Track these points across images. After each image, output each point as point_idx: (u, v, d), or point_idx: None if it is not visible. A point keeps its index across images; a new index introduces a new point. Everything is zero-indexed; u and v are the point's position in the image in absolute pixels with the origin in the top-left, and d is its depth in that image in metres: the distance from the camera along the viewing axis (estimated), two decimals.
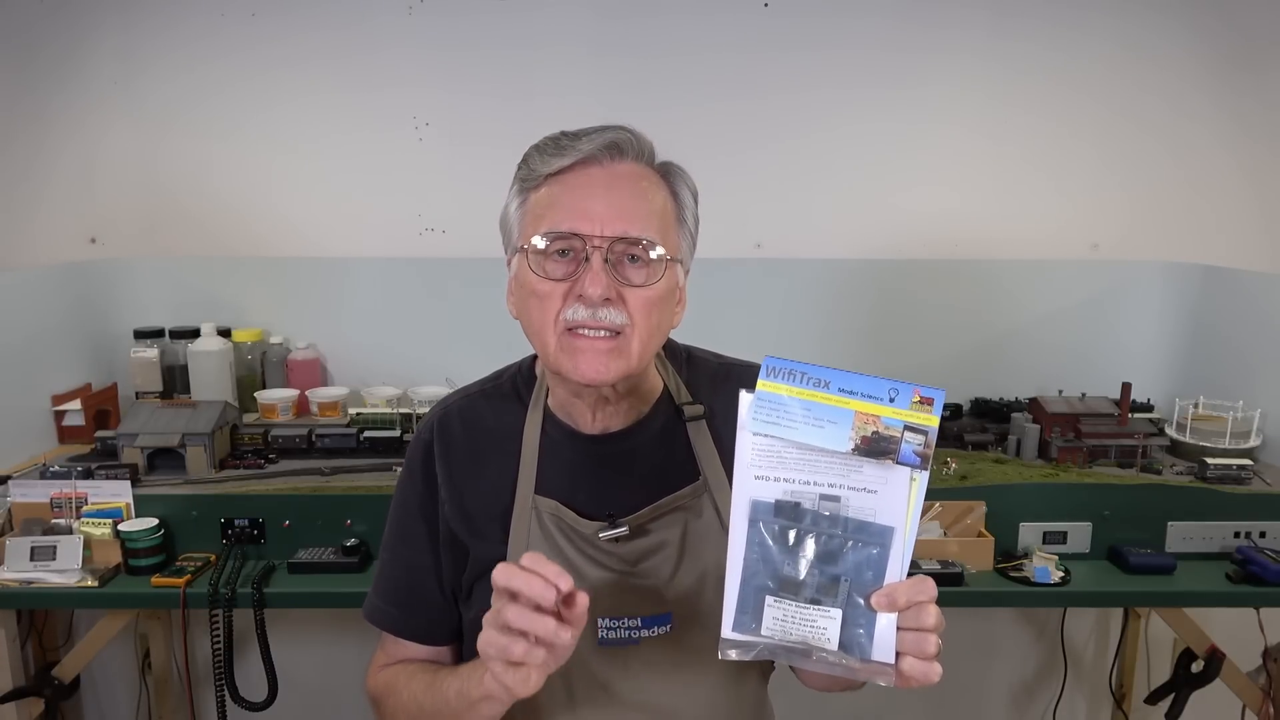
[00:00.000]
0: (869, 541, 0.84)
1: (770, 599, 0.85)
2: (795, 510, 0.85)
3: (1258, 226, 2.49)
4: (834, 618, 0.84)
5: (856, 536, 0.84)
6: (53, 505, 1.82)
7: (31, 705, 1.93)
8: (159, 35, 2.37)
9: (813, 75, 2.41)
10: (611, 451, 1.10)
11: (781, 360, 0.85)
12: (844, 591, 0.84)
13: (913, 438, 0.83)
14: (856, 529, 0.84)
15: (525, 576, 0.82)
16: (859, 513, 0.84)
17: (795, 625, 0.85)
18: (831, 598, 0.84)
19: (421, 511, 1.13)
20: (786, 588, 0.85)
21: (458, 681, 0.99)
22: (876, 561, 0.84)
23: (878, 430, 0.83)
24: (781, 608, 0.85)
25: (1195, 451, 2.11)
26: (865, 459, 0.83)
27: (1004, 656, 2.65)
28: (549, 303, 0.99)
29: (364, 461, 2.04)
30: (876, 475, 0.84)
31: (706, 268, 2.31)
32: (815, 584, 0.84)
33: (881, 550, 0.84)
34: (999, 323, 2.47)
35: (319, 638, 2.52)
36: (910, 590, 0.83)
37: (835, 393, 0.84)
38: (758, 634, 0.85)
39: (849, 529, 0.84)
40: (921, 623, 0.83)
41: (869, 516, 0.84)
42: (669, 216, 1.03)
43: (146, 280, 2.41)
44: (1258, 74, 2.42)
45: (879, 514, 0.84)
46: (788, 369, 0.85)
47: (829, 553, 0.84)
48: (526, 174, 1.03)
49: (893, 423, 0.83)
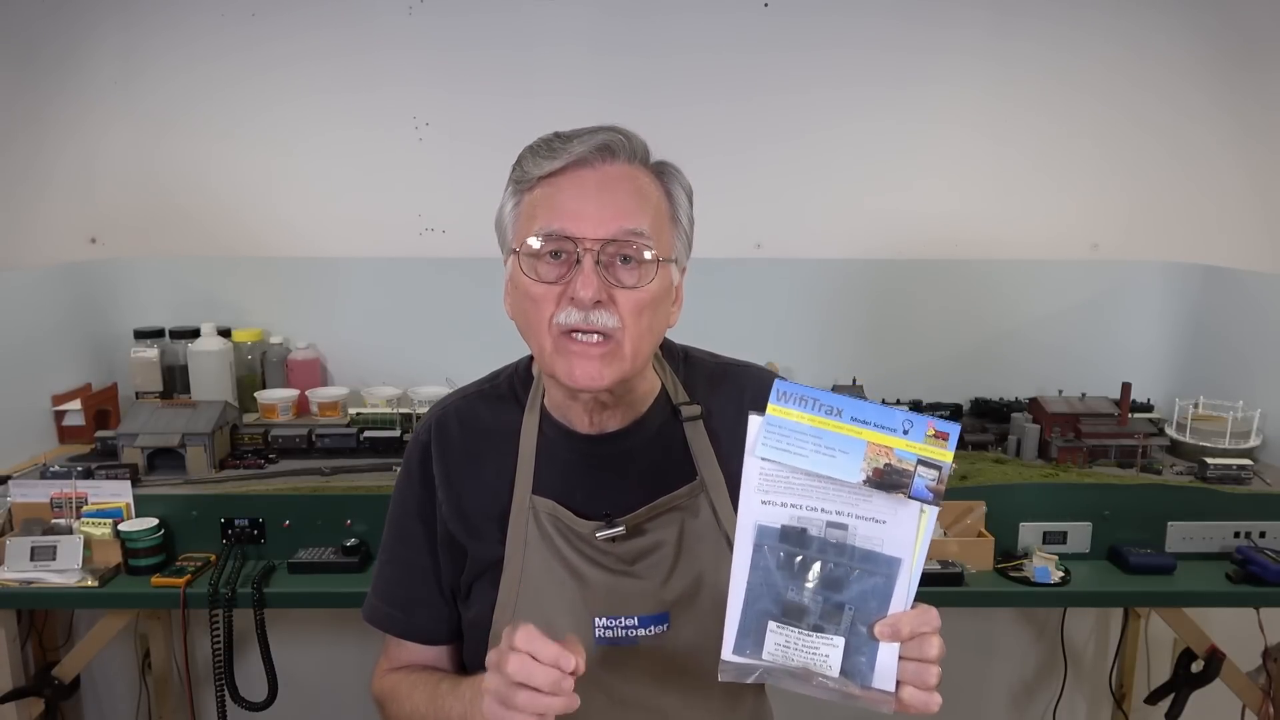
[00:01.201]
0: (875, 571, 0.83)
1: (773, 624, 0.84)
2: (801, 536, 0.84)
3: (1258, 226, 2.49)
4: (836, 645, 0.83)
5: (863, 565, 0.83)
6: (53, 505, 1.82)
7: (31, 705, 1.93)
8: (159, 35, 2.37)
9: (813, 75, 2.41)
10: (608, 451, 1.10)
11: (793, 385, 0.84)
12: (848, 619, 0.83)
13: (926, 472, 0.82)
14: (863, 558, 0.83)
15: (524, 664, 0.84)
16: (866, 542, 0.83)
17: (797, 651, 0.84)
18: (835, 625, 0.83)
19: (420, 512, 1.13)
20: (790, 613, 0.84)
21: (460, 704, 1.00)
22: (881, 591, 0.83)
23: (890, 463, 0.82)
24: (784, 634, 0.84)
25: (1195, 451, 2.11)
26: (876, 490, 0.82)
27: (1004, 656, 2.65)
28: (542, 305, 0.99)
29: (364, 461, 2.04)
30: (886, 506, 0.83)
31: (707, 267, 2.30)
32: (819, 610, 0.83)
33: (887, 580, 0.83)
34: (999, 322, 2.46)
35: (319, 638, 2.52)
36: (914, 621, 0.83)
37: (848, 421, 0.83)
38: (758, 658, 0.85)
39: (855, 558, 0.83)
40: (924, 653, 0.83)
41: (876, 546, 0.83)
42: (662, 216, 1.03)
43: (146, 280, 2.41)
44: (1258, 73, 2.42)
45: (886, 544, 0.83)
46: (799, 394, 0.83)
47: (834, 580, 0.84)
48: (520, 175, 1.03)
49: (906, 455, 0.82)
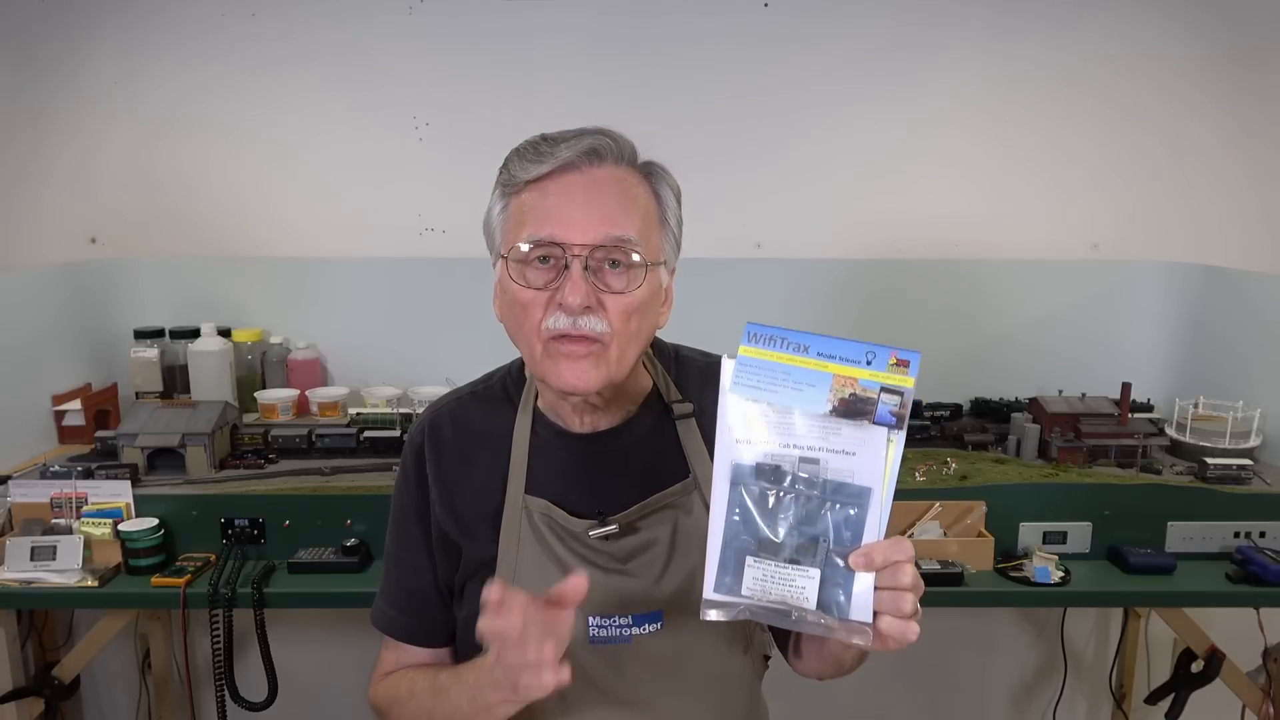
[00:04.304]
0: (847, 502, 0.85)
1: (750, 559, 0.86)
2: (775, 473, 0.86)
3: (1258, 226, 2.49)
4: (812, 577, 0.85)
5: (834, 497, 0.85)
6: (53, 505, 1.82)
7: (31, 705, 1.93)
8: (159, 35, 2.37)
9: (813, 75, 2.41)
10: (601, 450, 1.10)
11: (763, 326, 0.87)
12: (822, 551, 0.85)
13: (889, 399, 0.84)
14: (834, 490, 0.85)
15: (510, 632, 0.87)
16: (837, 474, 0.85)
17: (774, 585, 0.86)
18: (810, 557, 0.86)
19: (416, 514, 1.13)
20: (766, 548, 0.86)
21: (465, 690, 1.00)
22: (854, 522, 0.85)
23: (855, 392, 0.85)
24: (761, 568, 0.86)
25: (1195, 451, 2.11)
26: (843, 420, 0.85)
27: (1004, 656, 2.65)
28: (531, 310, 0.98)
29: (364, 461, 2.04)
30: (854, 437, 0.85)
31: (706, 267, 2.30)
32: (794, 544, 0.86)
33: (859, 511, 0.85)
34: (999, 323, 2.46)
35: (319, 638, 2.52)
36: (887, 550, 0.84)
37: (815, 357, 0.86)
38: (738, 594, 0.87)
39: (827, 490, 0.86)
40: (898, 581, 0.84)
41: (847, 478, 0.85)
42: (651, 218, 1.03)
43: (146, 280, 2.41)
44: (1258, 73, 2.42)
45: (857, 475, 0.85)
46: (769, 334, 0.86)
47: (808, 514, 0.86)
48: (507, 179, 1.02)
49: (869, 384, 0.85)
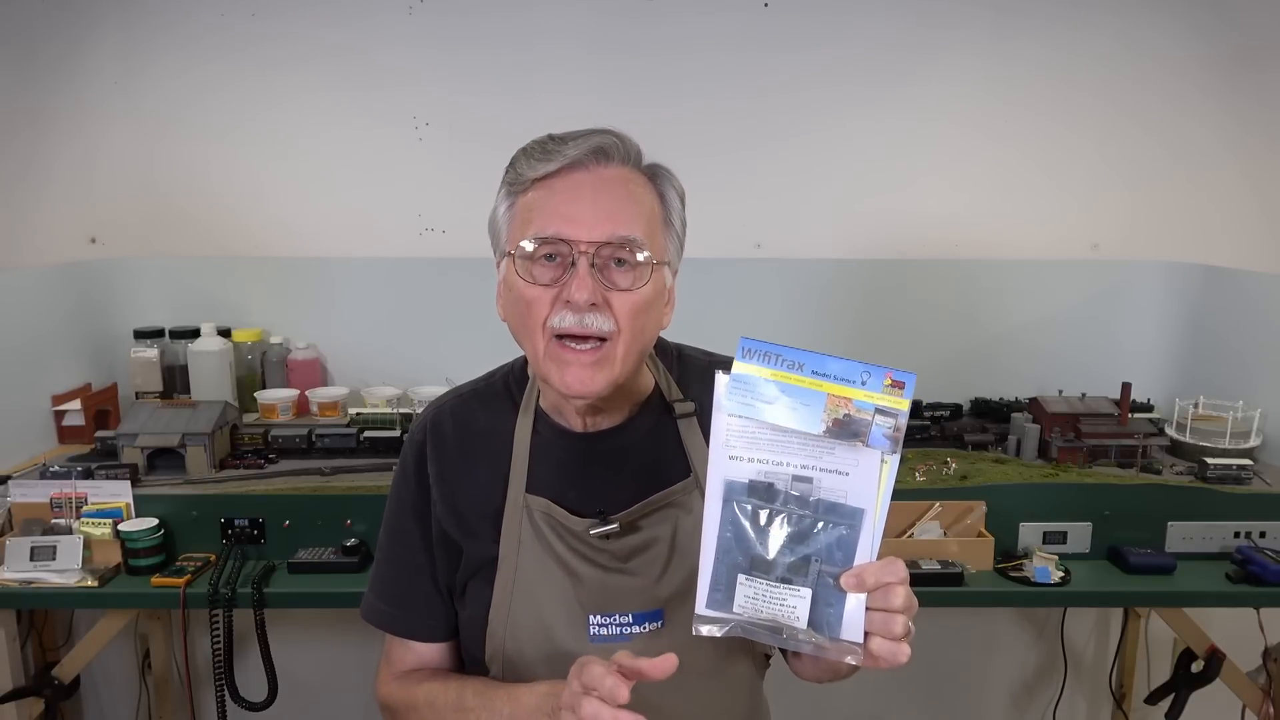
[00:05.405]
0: (839, 522, 0.85)
1: (742, 577, 0.86)
2: (768, 490, 0.86)
3: (1258, 227, 2.49)
4: (804, 597, 0.85)
5: (827, 517, 0.85)
6: (53, 505, 1.82)
7: (31, 705, 1.93)
8: (159, 35, 2.37)
9: (813, 75, 2.41)
10: (603, 449, 1.10)
11: (757, 342, 0.86)
12: (814, 571, 0.85)
13: (883, 420, 0.84)
14: (827, 510, 0.85)
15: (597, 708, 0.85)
16: (830, 494, 0.85)
17: (766, 603, 0.86)
18: (802, 577, 0.85)
19: (415, 511, 1.13)
20: (758, 566, 0.86)
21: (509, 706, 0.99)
22: (846, 542, 0.85)
23: (849, 413, 0.84)
24: (753, 586, 0.86)
25: (1195, 451, 2.11)
26: (837, 441, 0.84)
27: (1004, 656, 2.64)
28: (536, 308, 0.99)
29: (364, 461, 2.04)
30: (848, 457, 0.85)
31: (706, 267, 2.30)
32: (786, 563, 0.85)
33: (851, 531, 0.85)
34: (999, 322, 2.46)
35: (319, 638, 2.52)
36: (879, 571, 0.84)
37: (809, 375, 0.85)
38: (730, 611, 0.87)
39: (820, 510, 0.85)
40: (889, 604, 0.84)
41: (840, 498, 0.85)
42: (656, 219, 1.03)
43: (146, 280, 2.41)
44: (1259, 73, 2.42)
45: (850, 496, 0.85)
46: (763, 350, 0.85)
47: (800, 533, 0.86)
48: (514, 178, 1.03)
49: (864, 405, 0.84)
